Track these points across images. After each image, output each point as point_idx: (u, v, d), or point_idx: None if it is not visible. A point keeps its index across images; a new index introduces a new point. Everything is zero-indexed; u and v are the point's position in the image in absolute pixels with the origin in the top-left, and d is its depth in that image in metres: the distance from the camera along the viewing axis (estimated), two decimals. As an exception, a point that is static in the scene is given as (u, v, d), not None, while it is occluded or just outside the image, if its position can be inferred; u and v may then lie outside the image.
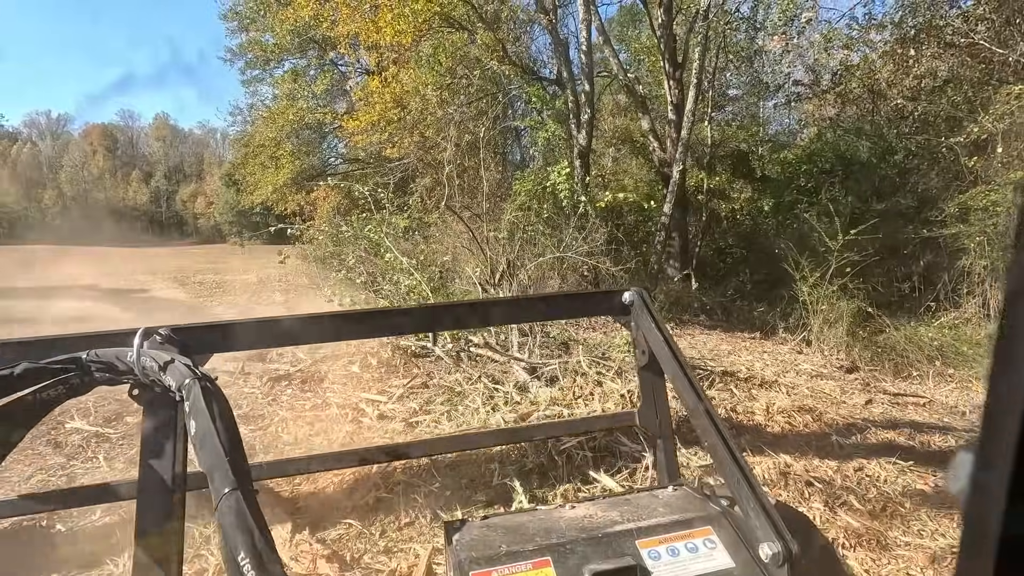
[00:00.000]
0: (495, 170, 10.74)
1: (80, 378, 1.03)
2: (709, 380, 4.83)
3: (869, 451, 3.47)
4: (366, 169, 15.83)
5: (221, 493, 0.78)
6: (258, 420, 4.10)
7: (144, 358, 1.02)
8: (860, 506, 2.70)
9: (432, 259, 8.25)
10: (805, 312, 8.24)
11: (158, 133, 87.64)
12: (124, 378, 1.05)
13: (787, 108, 20.80)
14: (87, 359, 1.03)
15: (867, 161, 13.42)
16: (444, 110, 9.78)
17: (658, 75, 14.57)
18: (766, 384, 5.12)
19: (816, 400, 4.79)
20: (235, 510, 0.76)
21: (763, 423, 3.84)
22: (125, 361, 1.02)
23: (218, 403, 0.92)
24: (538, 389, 4.08)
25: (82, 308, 10.02)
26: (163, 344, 1.11)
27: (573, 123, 8.93)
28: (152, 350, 1.04)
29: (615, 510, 1.24)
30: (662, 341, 1.44)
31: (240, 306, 10.24)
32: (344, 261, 7.36)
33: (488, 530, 1.17)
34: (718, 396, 4.21)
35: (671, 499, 1.30)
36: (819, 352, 7.67)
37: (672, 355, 1.40)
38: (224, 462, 0.82)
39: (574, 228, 7.71)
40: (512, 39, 9.84)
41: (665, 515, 1.19)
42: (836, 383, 5.80)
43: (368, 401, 4.33)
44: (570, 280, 8.19)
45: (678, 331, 8.19)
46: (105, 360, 1.04)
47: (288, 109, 16.71)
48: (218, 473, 0.81)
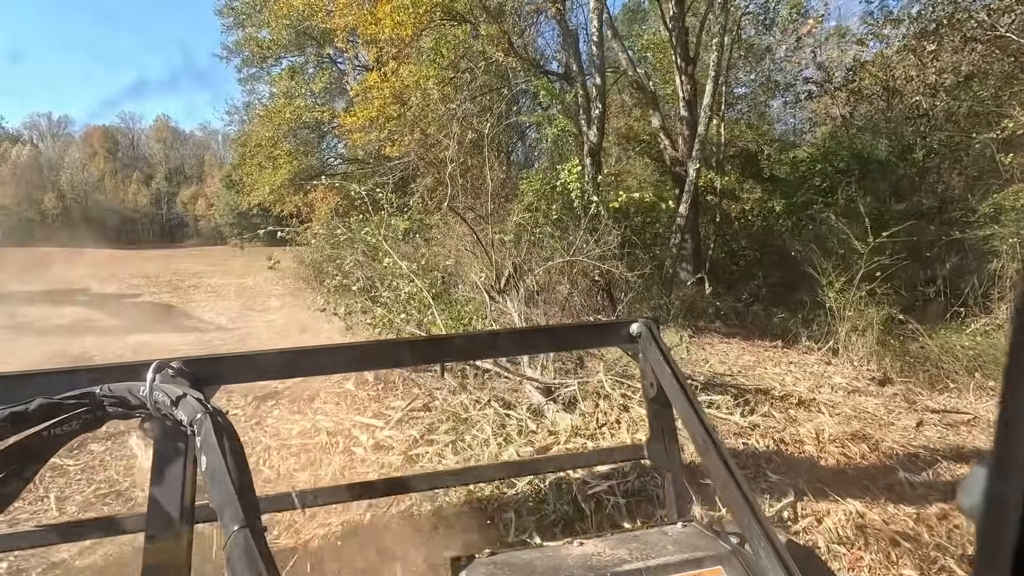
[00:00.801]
0: (499, 169, 10.26)
1: (93, 413, 1.04)
2: (743, 399, 4.33)
3: (946, 492, 2.97)
4: (365, 169, 15.34)
5: (231, 530, 0.79)
6: (237, 450, 3.62)
7: (156, 392, 1.03)
8: (961, 571, 2.20)
9: (434, 263, 7.77)
10: (831, 319, 7.73)
11: (159, 135, 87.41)
12: (136, 412, 1.06)
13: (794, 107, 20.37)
14: (100, 394, 1.05)
15: (885, 160, 12.90)
16: (446, 106, 9.30)
17: (664, 72, 14.10)
18: (804, 403, 4.62)
19: (863, 422, 4.30)
20: (244, 548, 0.77)
21: (815, 455, 3.35)
22: (138, 396, 1.04)
23: (229, 438, 0.93)
24: (555, 414, 3.59)
25: (67, 314, 9.55)
26: (175, 377, 1.13)
27: (583, 119, 8.45)
28: (164, 384, 1.06)
29: (623, 547, 1.22)
30: (670, 374, 1.41)
31: (230, 313, 9.76)
32: (340, 266, 6.88)
33: (495, 568, 1.15)
34: (762, 423, 3.70)
35: (680, 536, 1.28)
36: (848, 362, 7.17)
37: (680, 388, 1.38)
38: (234, 499, 0.82)
39: (585, 230, 7.22)
40: (517, 32, 9.34)
41: (674, 553, 1.17)
42: (876, 400, 5.31)
43: (363, 427, 3.85)
44: (581, 285, 7.70)
45: (695, 339, 7.69)
46: (118, 395, 1.05)
47: (285, 108, 16.24)
48: (228, 510, 0.81)
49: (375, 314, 5.76)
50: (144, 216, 79.24)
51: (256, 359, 1.35)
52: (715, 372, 4.64)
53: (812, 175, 14.26)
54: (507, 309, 6.16)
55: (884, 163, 12.91)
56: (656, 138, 13.47)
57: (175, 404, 0.99)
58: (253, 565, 0.75)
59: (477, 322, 5.87)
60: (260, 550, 0.77)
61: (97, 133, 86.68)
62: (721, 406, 3.78)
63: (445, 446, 3.31)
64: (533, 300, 7.35)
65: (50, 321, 8.75)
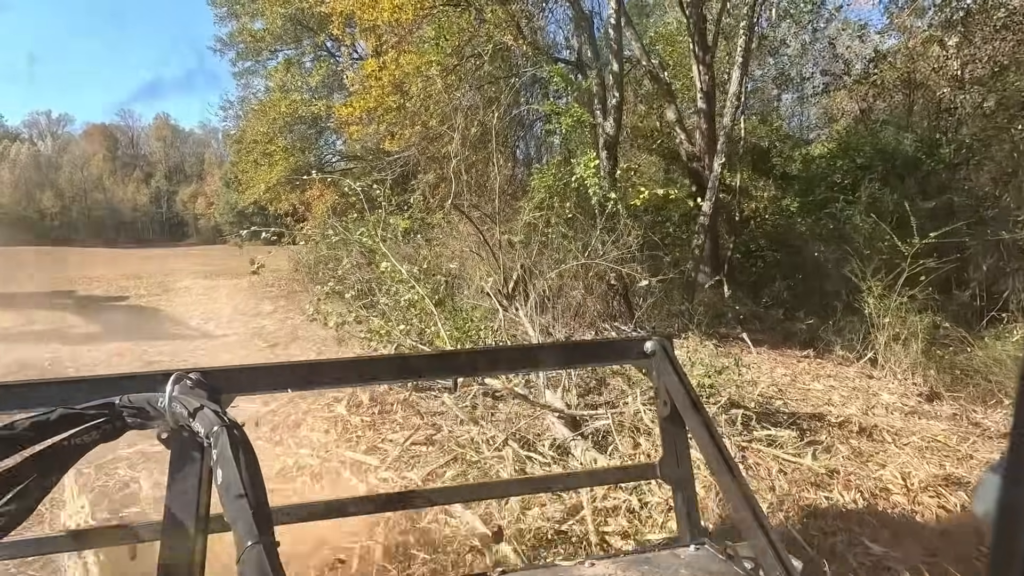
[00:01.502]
0: (506, 165, 9.64)
1: (113, 423, 1.05)
2: (797, 427, 3.70)
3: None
4: (364, 165, 14.71)
5: (244, 545, 0.79)
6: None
7: (175, 404, 1.04)
8: None
9: (436, 266, 7.15)
10: (871, 328, 7.10)
11: (159, 133, 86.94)
12: (154, 423, 1.07)
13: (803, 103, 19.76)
14: (120, 404, 1.06)
15: (912, 156, 12.24)
16: (450, 95, 8.66)
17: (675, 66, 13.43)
18: (865, 431, 4.00)
19: (940, 455, 3.67)
20: (256, 563, 0.77)
21: (909, 508, 2.73)
22: (156, 407, 1.06)
23: (244, 452, 0.93)
24: (585, 454, 2.96)
25: (43, 319, 8.93)
26: (193, 388, 1.13)
27: (598, 109, 7.81)
28: (182, 395, 1.07)
29: (635, 570, 1.22)
30: (684, 393, 1.36)
31: (220, 318, 9.14)
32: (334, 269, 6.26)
33: None
34: (838, 467, 3.06)
35: (692, 559, 1.26)
36: (891, 376, 6.54)
37: (694, 407, 1.33)
38: (248, 514, 0.82)
39: (602, 230, 6.59)
40: (525, 17, 8.71)
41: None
42: (939, 424, 4.68)
43: (354, 465, 3.22)
44: (596, 290, 7.07)
45: (721, 347, 7.06)
46: (137, 405, 1.06)
47: (280, 102, 15.56)
48: (242, 524, 0.82)
49: (371, 325, 5.13)
50: (144, 215, 78.86)
51: (273, 370, 1.37)
52: (764, 395, 4.04)
53: (832, 171, 13.61)
54: (518, 318, 5.54)
55: (910, 159, 12.26)
56: (669, 133, 12.85)
57: (192, 416, 1.01)
58: None
59: (486, 333, 5.25)
60: (272, 565, 0.78)
61: (97, 131, 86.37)
62: (786, 443, 3.16)
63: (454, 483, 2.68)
64: (544, 306, 6.72)
65: (23, 327, 8.14)
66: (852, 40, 16.01)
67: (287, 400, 4.66)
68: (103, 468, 3.43)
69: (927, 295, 7.34)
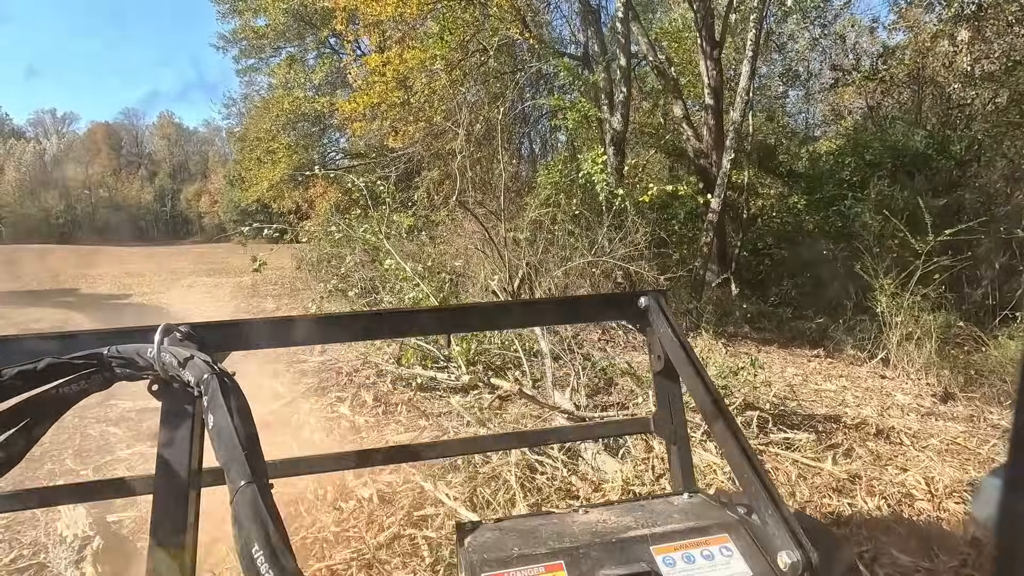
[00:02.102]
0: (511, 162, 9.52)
1: (101, 374, 1.04)
2: (815, 429, 3.59)
3: None
4: (368, 163, 14.60)
5: (237, 486, 0.79)
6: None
7: (164, 354, 1.02)
8: None
9: (441, 264, 7.06)
10: (884, 327, 6.96)
11: (163, 132, 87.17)
12: (144, 374, 1.06)
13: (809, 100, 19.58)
14: (108, 355, 1.04)
15: (921, 153, 12.07)
16: (454, 90, 8.55)
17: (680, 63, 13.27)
18: (882, 433, 3.89)
19: (962, 459, 3.56)
20: (250, 503, 0.77)
21: (934, 515, 2.61)
22: (145, 357, 1.04)
23: (236, 398, 0.93)
24: (596, 457, 2.86)
25: (45, 317, 8.88)
26: (182, 341, 1.12)
27: (605, 104, 7.68)
28: (172, 346, 1.05)
29: (629, 515, 1.20)
30: (678, 345, 1.37)
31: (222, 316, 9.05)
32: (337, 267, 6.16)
33: (501, 533, 1.15)
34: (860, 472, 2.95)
35: (687, 506, 1.26)
36: (904, 376, 6.42)
37: (688, 360, 1.34)
38: (241, 455, 0.83)
39: (608, 227, 6.48)
40: (531, 11, 8.58)
41: (681, 522, 1.16)
42: (957, 425, 4.56)
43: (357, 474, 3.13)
44: (603, 289, 6.96)
45: (730, 347, 6.95)
46: (126, 356, 1.05)
47: (283, 99, 15.48)
48: (234, 466, 0.82)
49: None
50: (148, 213, 79.12)
51: (265, 325, 1.35)
52: (779, 397, 3.92)
53: (840, 168, 13.44)
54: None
55: (920, 156, 12.08)
56: (676, 129, 12.71)
57: (182, 365, 1.00)
58: (259, 520, 0.75)
59: (491, 331, 5.16)
60: (267, 505, 0.77)
61: (101, 130, 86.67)
62: (804, 447, 3.05)
63: (462, 503, 2.59)
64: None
65: (26, 326, 8.09)
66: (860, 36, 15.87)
67: (288, 402, 4.58)
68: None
69: (940, 294, 7.22)
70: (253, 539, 0.74)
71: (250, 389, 1.26)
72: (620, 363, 4.89)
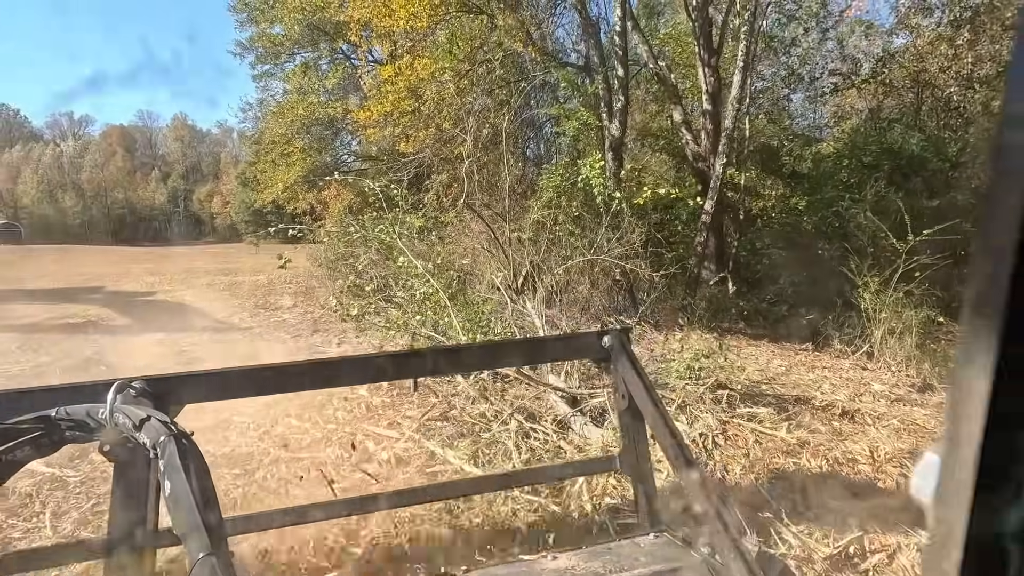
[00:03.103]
0: (516, 166, 9.98)
1: (49, 437, 0.98)
2: (781, 408, 4.02)
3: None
4: (380, 166, 15.15)
5: (196, 558, 0.76)
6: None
7: (118, 414, 0.98)
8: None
9: (449, 262, 7.52)
10: (867, 322, 7.35)
11: (176, 133, 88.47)
12: (95, 435, 1.00)
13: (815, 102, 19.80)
14: (56, 417, 0.99)
15: (917, 155, 12.39)
16: (462, 99, 9.03)
17: (683, 67, 13.65)
18: (848, 414, 4.30)
19: (915, 436, 3.97)
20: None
21: (873, 476, 3.04)
22: (97, 418, 0.99)
23: (194, 461, 0.89)
24: (583, 427, 3.31)
25: (78, 312, 9.47)
26: (137, 398, 1.08)
27: (604, 112, 8.13)
28: (126, 405, 1.01)
29: (597, 560, 1.23)
30: (641, 385, 1.45)
31: (243, 312, 9.61)
32: (353, 265, 6.65)
33: None
34: (808, 439, 3.39)
35: (652, 547, 1.31)
36: (886, 368, 6.80)
37: (650, 400, 1.41)
38: (199, 525, 0.79)
39: (607, 228, 6.92)
40: (535, 23, 9.05)
41: (647, 565, 1.19)
42: (923, 410, 4.95)
43: (375, 437, 3.61)
44: (601, 285, 7.40)
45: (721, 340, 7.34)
46: (76, 418, 1.00)
47: (299, 104, 16.11)
48: (193, 536, 0.78)
49: (389, 315, 5.52)
50: (162, 214, 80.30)
51: (223, 377, 1.29)
52: (751, 380, 4.35)
53: (838, 170, 13.77)
54: (526, 311, 5.89)
55: (916, 158, 12.40)
56: (676, 133, 13.09)
57: (138, 427, 0.94)
58: None
59: (496, 324, 5.62)
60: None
61: (116, 132, 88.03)
62: (764, 419, 3.48)
63: (466, 462, 3.05)
64: (552, 300, 7.07)
65: (61, 320, 8.67)
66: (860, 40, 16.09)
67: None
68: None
69: (924, 291, 7.57)
70: None
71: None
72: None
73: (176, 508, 0.83)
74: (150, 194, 79.97)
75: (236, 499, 2.92)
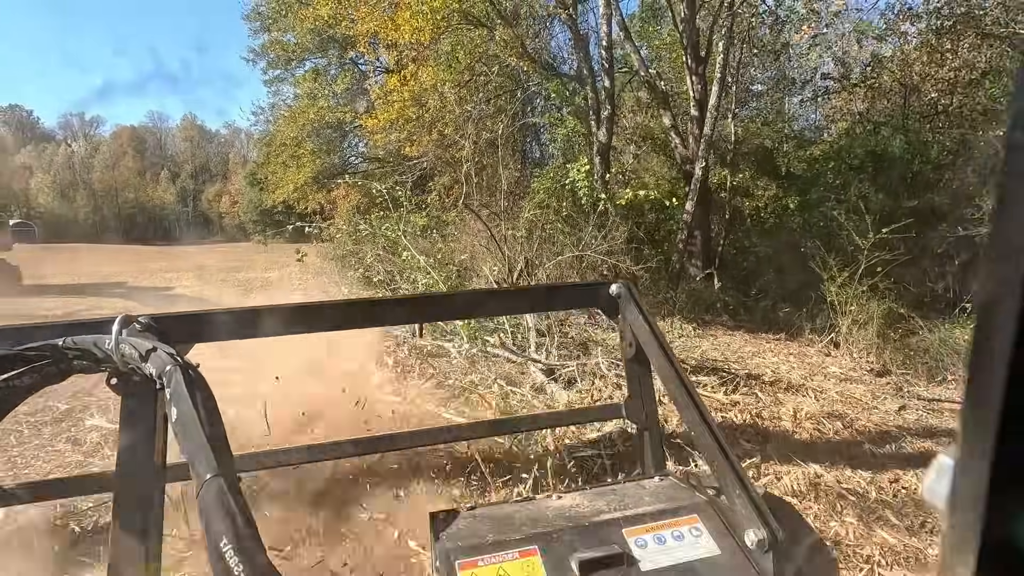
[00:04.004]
0: (514, 168, 10.64)
1: (56, 366, 1.00)
2: (733, 383, 4.66)
3: (905, 461, 3.29)
4: (385, 167, 15.89)
5: (203, 479, 0.77)
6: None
7: (124, 346, 0.99)
8: (897, 522, 2.54)
9: (450, 257, 8.19)
10: (833, 313, 7.96)
11: (186, 134, 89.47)
12: (102, 366, 1.02)
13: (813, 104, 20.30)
14: (63, 346, 1.00)
15: (899, 157, 12.96)
16: (462, 107, 9.71)
17: (680, 71, 14.28)
18: (793, 388, 4.93)
19: (846, 405, 4.60)
20: (217, 496, 0.75)
21: (790, 429, 3.68)
22: (104, 348, 0.99)
23: (200, 390, 0.90)
24: (555, 391, 3.97)
25: (109, 305, 10.24)
26: (143, 332, 1.08)
27: (593, 119, 8.78)
28: (132, 338, 1.02)
29: (602, 499, 1.25)
30: (649, 332, 1.43)
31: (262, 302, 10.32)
32: (362, 259, 7.33)
33: (475, 520, 1.17)
34: (742, 400, 4.05)
35: (657, 489, 1.32)
36: (848, 355, 7.41)
37: (659, 346, 1.40)
38: (206, 448, 0.81)
39: (593, 226, 7.57)
40: (531, 35, 9.71)
41: (651, 504, 1.20)
42: (867, 387, 5.57)
43: (382, 402, 4.28)
44: (589, 279, 8.04)
45: (700, 331, 7.99)
46: (82, 347, 1.00)
47: (309, 108, 16.88)
48: (200, 459, 0.80)
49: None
50: (171, 213, 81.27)
51: (230, 317, 1.30)
52: (707, 357, 4.97)
53: (826, 172, 14.35)
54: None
55: (898, 160, 12.96)
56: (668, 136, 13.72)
57: (144, 358, 0.95)
58: (228, 513, 0.74)
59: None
60: (234, 497, 0.76)
61: (126, 133, 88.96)
62: (707, 386, 4.13)
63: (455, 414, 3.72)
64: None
65: (95, 312, 9.41)
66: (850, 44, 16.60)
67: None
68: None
69: (889, 285, 8.18)
70: (221, 532, 0.73)
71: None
72: (596, 337, 6.00)
73: (183, 433, 0.84)
74: (160, 194, 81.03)
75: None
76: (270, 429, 3.08)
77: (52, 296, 11.69)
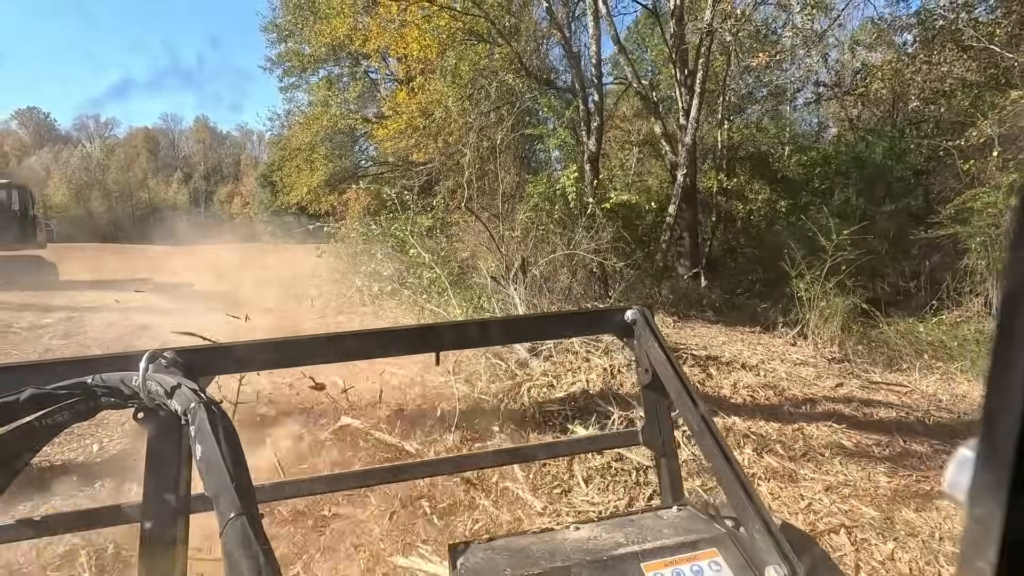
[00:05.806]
0: (513, 173, 11.46)
1: (85, 403, 1.03)
2: (691, 364, 5.43)
3: (813, 418, 4.05)
4: (394, 172, 16.76)
5: (227, 518, 0.80)
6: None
7: (150, 382, 1.02)
8: (783, 452, 3.31)
9: (453, 255, 9.01)
10: (801, 307, 8.69)
11: (198, 136, 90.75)
12: (129, 403, 1.05)
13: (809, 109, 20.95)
14: (92, 384, 1.04)
15: (881, 163, 13.65)
16: (465, 118, 10.53)
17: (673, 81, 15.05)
18: (746, 368, 5.68)
19: (789, 382, 5.35)
20: (240, 534, 0.78)
21: (727, 395, 4.45)
22: (130, 385, 1.04)
23: (224, 427, 0.93)
24: (535, 364, 4.77)
25: (138, 298, 11.16)
26: (168, 367, 1.13)
27: (583, 130, 9.57)
28: (157, 374, 1.06)
29: (619, 532, 1.25)
30: (664, 360, 1.42)
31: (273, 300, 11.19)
32: (373, 256, 8.16)
33: (493, 552, 1.19)
34: (690, 372, 4.83)
35: (675, 520, 1.30)
36: (813, 345, 8.13)
37: (675, 373, 1.39)
38: (230, 486, 0.84)
39: (583, 228, 8.35)
40: (530, 51, 10.53)
41: (670, 537, 1.20)
42: (817, 370, 6.30)
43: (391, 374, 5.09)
44: (579, 276, 8.83)
45: (681, 324, 8.74)
46: (111, 385, 1.04)
47: (322, 115, 17.79)
48: (224, 497, 0.83)
49: (403, 295, 7.02)
50: (184, 214, 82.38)
51: (250, 348, 1.36)
52: (673, 341, 5.72)
53: (814, 177, 15.07)
54: (511, 295, 7.36)
55: (880, 166, 13.66)
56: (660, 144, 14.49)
57: (169, 394, 0.99)
58: (250, 552, 0.76)
59: (486, 303, 7.09)
60: (257, 536, 0.79)
61: (140, 134, 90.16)
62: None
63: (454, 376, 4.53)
64: (539, 288, 8.52)
65: (126, 305, 10.31)
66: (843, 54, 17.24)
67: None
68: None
69: (856, 283, 8.90)
70: (244, 571, 0.75)
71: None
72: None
73: (207, 471, 0.86)
74: (172, 195, 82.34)
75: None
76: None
77: (86, 289, 12.64)
